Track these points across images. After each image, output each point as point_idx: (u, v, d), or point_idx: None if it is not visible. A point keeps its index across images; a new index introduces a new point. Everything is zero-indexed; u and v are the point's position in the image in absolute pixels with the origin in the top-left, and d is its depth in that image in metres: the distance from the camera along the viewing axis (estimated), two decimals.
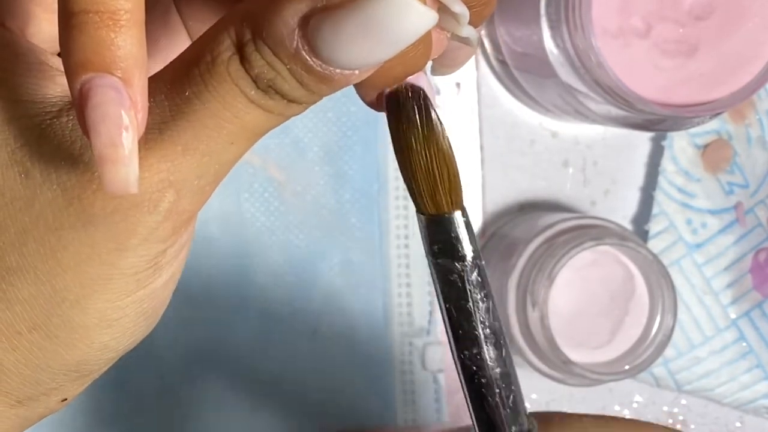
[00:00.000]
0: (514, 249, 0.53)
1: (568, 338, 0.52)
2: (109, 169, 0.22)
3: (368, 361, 0.55)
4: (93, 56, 0.21)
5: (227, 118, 0.23)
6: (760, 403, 0.58)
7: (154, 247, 0.24)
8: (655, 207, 0.57)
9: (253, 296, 0.54)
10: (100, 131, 0.22)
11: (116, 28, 0.22)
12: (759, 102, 0.57)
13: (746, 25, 0.48)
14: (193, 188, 0.24)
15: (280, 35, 0.22)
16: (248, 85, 0.23)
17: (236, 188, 0.54)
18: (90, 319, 0.25)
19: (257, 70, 0.22)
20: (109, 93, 0.21)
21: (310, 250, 0.55)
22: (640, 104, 0.46)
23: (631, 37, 0.47)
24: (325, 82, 0.22)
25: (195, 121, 0.23)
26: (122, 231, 0.24)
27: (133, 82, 0.22)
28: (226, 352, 0.54)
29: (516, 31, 0.52)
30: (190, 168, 0.23)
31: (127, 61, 0.22)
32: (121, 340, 0.26)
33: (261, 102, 0.23)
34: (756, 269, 0.57)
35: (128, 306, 0.25)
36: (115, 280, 0.24)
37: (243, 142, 0.24)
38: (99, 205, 0.23)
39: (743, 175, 0.57)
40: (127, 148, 0.22)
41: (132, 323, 0.26)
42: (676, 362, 0.57)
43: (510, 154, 0.57)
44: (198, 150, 0.23)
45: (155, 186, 0.23)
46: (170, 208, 0.24)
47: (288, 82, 0.22)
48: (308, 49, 0.22)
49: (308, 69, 0.22)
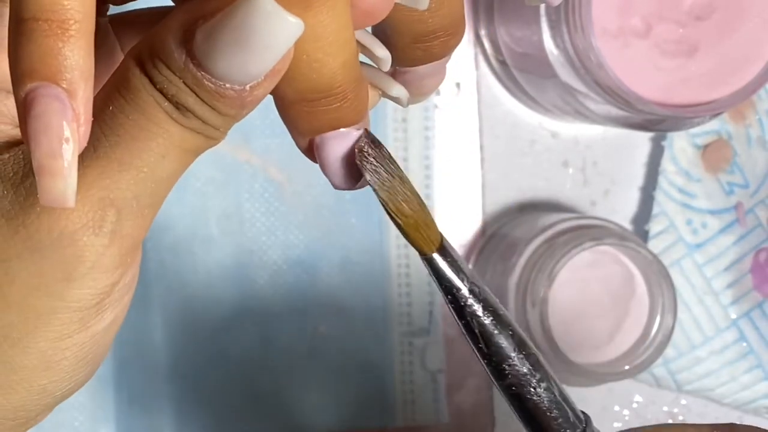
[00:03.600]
0: (514, 249, 0.53)
1: (568, 338, 0.52)
2: (48, 180, 0.21)
3: (368, 361, 0.55)
4: (39, 65, 0.21)
5: (154, 130, 0.23)
6: (760, 403, 0.58)
7: (102, 279, 0.24)
8: (656, 207, 0.57)
9: (253, 296, 0.54)
10: (41, 141, 0.21)
11: (64, 37, 0.21)
12: (759, 102, 0.57)
13: (746, 25, 0.48)
14: (133, 209, 0.24)
15: (169, 49, 0.22)
16: (161, 98, 0.23)
17: (236, 188, 0.54)
18: (30, 359, 0.24)
19: (159, 84, 0.22)
20: (53, 103, 0.21)
21: (310, 250, 0.55)
22: (640, 104, 0.46)
23: (631, 37, 0.47)
24: (219, 99, 0.22)
25: (124, 134, 0.23)
26: (70, 257, 0.23)
27: (78, 93, 0.22)
28: (225, 352, 0.54)
29: (516, 31, 0.52)
30: (128, 185, 0.23)
31: (73, 72, 0.21)
32: (60, 385, 0.25)
33: (177, 117, 0.23)
34: (756, 269, 0.57)
35: (69, 348, 0.25)
36: (60, 314, 0.24)
37: (174, 157, 0.23)
38: (45, 229, 0.23)
39: (743, 176, 0.57)
40: (67, 160, 0.21)
41: (71, 368, 0.25)
42: (676, 362, 0.57)
43: (510, 154, 0.57)
44: (133, 165, 0.23)
45: (97, 204, 0.23)
46: (114, 230, 0.23)
47: (190, 98, 0.22)
48: (195, 63, 0.22)
49: (199, 84, 0.22)
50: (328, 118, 0.24)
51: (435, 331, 0.56)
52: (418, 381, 0.56)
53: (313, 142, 0.25)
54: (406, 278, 0.55)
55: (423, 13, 0.25)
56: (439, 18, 0.25)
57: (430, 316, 0.56)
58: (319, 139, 0.25)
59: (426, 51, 0.26)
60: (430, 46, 0.26)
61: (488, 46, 0.55)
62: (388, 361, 0.55)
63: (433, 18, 0.25)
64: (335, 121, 0.24)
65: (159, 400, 0.54)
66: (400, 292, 0.55)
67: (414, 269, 0.55)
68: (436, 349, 0.56)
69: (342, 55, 0.23)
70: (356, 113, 0.24)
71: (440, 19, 0.25)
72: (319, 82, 0.23)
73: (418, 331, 0.56)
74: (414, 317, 0.55)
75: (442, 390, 0.56)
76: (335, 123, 0.24)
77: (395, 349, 0.56)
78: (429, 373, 0.56)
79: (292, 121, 0.25)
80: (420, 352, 0.56)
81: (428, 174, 0.56)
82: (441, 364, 0.56)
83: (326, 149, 0.25)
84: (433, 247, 0.26)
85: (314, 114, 0.24)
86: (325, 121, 0.24)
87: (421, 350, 0.56)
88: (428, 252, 0.26)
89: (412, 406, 0.56)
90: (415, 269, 0.55)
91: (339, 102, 0.24)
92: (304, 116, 0.24)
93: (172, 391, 0.54)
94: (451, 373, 0.56)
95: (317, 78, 0.23)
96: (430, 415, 0.56)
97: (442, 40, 0.25)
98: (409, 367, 0.56)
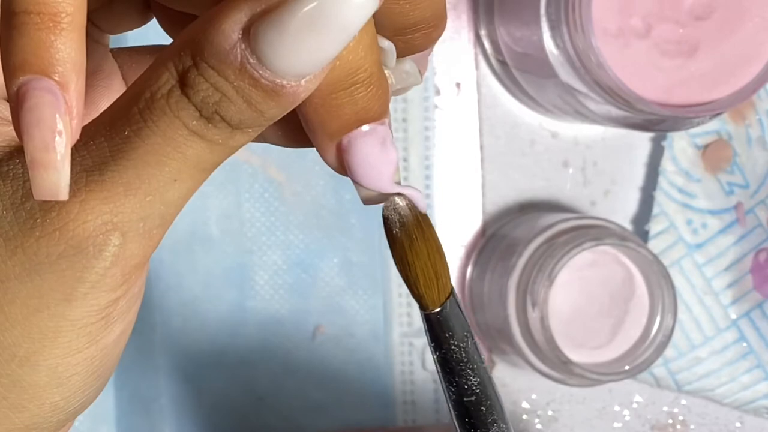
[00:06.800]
0: (514, 249, 0.52)
1: (568, 338, 0.52)
2: (40, 173, 0.21)
3: (368, 361, 0.55)
4: (31, 58, 0.21)
5: (168, 154, 0.22)
6: (760, 403, 0.58)
7: (104, 297, 0.24)
8: (656, 207, 0.57)
9: (253, 296, 0.54)
10: (34, 134, 0.21)
11: (56, 30, 0.21)
12: (759, 102, 0.57)
13: (746, 25, 0.48)
14: (139, 231, 0.23)
15: (224, 51, 0.21)
16: (189, 116, 0.22)
17: (236, 188, 0.54)
18: (41, 377, 0.24)
19: (202, 93, 0.22)
20: (45, 96, 0.21)
21: (310, 250, 0.55)
22: (640, 104, 0.46)
23: (631, 38, 0.47)
24: (273, 97, 0.22)
25: (135, 159, 0.22)
26: (69, 279, 0.23)
27: (70, 87, 0.21)
28: (225, 352, 0.54)
29: (516, 31, 0.52)
30: (134, 209, 0.23)
31: (65, 64, 0.21)
32: (71, 401, 0.25)
33: (203, 132, 0.22)
34: (756, 269, 0.57)
35: (79, 363, 0.24)
36: (65, 332, 0.24)
37: (187, 179, 0.23)
38: (43, 252, 0.23)
39: (743, 176, 0.57)
40: (60, 153, 0.21)
41: (83, 382, 0.25)
42: (676, 362, 0.57)
43: (510, 154, 0.57)
44: (140, 189, 0.23)
45: (99, 229, 0.23)
46: (117, 253, 0.23)
47: (234, 103, 0.22)
48: (255, 60, 0.21)
49: (255, 83, 0.21)
50: (355, 111, 0.24)
51: None
52: (418, 381, 0.56)
53: (341, 149, 0.25)
54: None
55: (404, 6, 0.24)
56: (420, 11, 0.25)
57: None
58: (347, 140, 0.24)
59: (408, 43, 0.25)
60: (412, 38, 0.25)
61: (488, 46, 0.55)
62: (388, 361, 0.55)
63: (414, 11, 0.25)
64: (362, 112, 0.24)
65: (159, 400, 0.54)
66: (400, 293, 0.55)
67: None
68: None
69: (370, 29, 0.23)
70: (380, 104, 0.24)
71: (421, 11, 0.25)
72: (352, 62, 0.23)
73: (418, 331, 0.56)
74: (414, 317, 0.55)
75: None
76: (362, 115, 0.24)
77: (395, 349, 0.56)
78: (429, 373, 0.56)
79: (322, 122, 0.24)
80: (420, 352, 0.56)
81: (428, 174, 0.56)
82: None
83: (355, 148, 0.25)
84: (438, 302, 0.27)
85: (342, 107, 0.24)
86: (352, 115, 0.24)
87: (421, 350, 0.56)
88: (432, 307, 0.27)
89: (412, 406, 0.56)
90: None
91: (365, 89, 0.23)
92: (333, 111, 0.24)
93: (172, 391, 0.54)
94: None
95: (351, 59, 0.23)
96: (430, 415, 0.56)
97: (423, 33, 0.25)
98: (409, 367, 0.56)
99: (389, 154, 0.25)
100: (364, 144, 0.25)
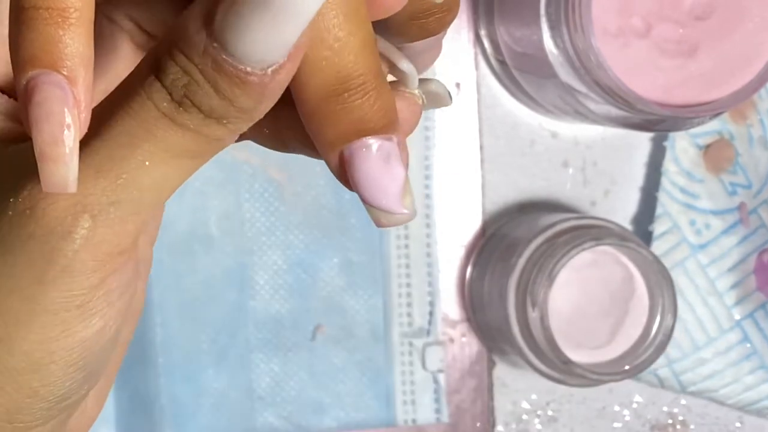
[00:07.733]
0: (514, 249, 0.53)
1: (568, 338, 0.52)
2: (50, 167, 0.22)
3: (368, 361, 0.55)
4: (40, 53, 0.22)
5: (140, 135, 0.23)
6: (763, 404, 0.58)
7: (76, 283, 0.24)
8: (659, 208, 0.57)
9: (253, 296, 0.54)
10: (43, 128, 0.22)
11: (65, 25, 0.22)
12: (760, 102, 0.56)
13: (746, 25, 0.48)
14: (110, 216, 0.23)
15: (190, 35, 0.22)
16: (161, 98, 0.22)
17: (236, 188, 0.54)
18: (17, 361, 0.24)
19: (172, 76, 0.22)
20: (54, 90, 0.22)
21: (310, 250, 0.55)
22: (640, 104, 0.46)
23: (631, 37, 0.47)
24: (239, 84, 0.22)
25: (108, 139, 0.23)
26: (39, 261, 0.23)
27: (78, 81, 0.22)
28: (225, 352, 0.54)
29: (516, 31, 0.52)
30: (104, 191, 0.23)
31: (73, 59, 0.22)
32: (52, 389, 0.25)
33: (173, 115, 0.22)
34: (760, 270, 0.57)
35: (56, 352, 0.24)
36: (38, 317, 0.24)
37: (159, 162, 0.23)
38: (15, 232, 0.23)
39: (746, 176, 0.57)
40: (68, 146, 0.22)
41: (62, 372, 0.25)
42: (680, 363, 0.57)
43: (510, 154, 0.57)
44: (112, 171, 0.23)
45: (68, 210, 0.23)
46: (86, 236, 0.23)
47: (202, 87, 0.22)
48: (217, 45, 0.21)
49: (219, 68, 0.21)
50: (353, 120, 0.23)
51: (435, 331, 0.56)
52: (418, 381, 0.56)
53: (343, 160, 0.24)
54: (406, 278, 0.55)
55: None
56: None
57: (430, 316, 0.56)
58: (347, 151, 0.24)
59: (422, 27, 0.25)
60: (426, 22, 0.25)
61: (488, 46, 0.55)
62: (388, 361, 0.55)
63: None
64: (360, 122, 0.23)
65: (159, 400, 0.54)
66: (400, 293, 0.55)
67: (414, 269, 0.55)
68: (436, 349, 0.56)
69: (360, 33, 0.23)
70: (382, 115, 0.24)
71: None
72: (340, 65, 0.23)
73: (418, 331, 0.56)
74: (414, 317, 0.56)
75: (442, 390, 0.56)
76: (361, 126, 0.23)
77: (395, 349, 0.56)
78: (429, 373, 0.56)
79: (319, 130, 0.24)
80: (420, 352, 0.56)
81: (428, 174, 0.56)
82: (441, 364, 0.56)
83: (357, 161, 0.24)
84: None
85: (336, 115, 0.23)
86: (349, 124, 0.23)
87: (421, 350, 0.56)
88: None
89: (412, 406, 0.56)
90: (415, 269, 0.55)
91: (360, 97, 0.23)
92: (329, 118, 0.23)
93: (172, 391, 0.54)
94: (451, 373, 0.56)
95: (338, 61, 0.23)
96: (430, 415, 0.56)
97: (437, 17, 0.25)
98: (409, 367, 0.56)
99: (394, 170, 0.24)
100: (365, 157, 0.24)
